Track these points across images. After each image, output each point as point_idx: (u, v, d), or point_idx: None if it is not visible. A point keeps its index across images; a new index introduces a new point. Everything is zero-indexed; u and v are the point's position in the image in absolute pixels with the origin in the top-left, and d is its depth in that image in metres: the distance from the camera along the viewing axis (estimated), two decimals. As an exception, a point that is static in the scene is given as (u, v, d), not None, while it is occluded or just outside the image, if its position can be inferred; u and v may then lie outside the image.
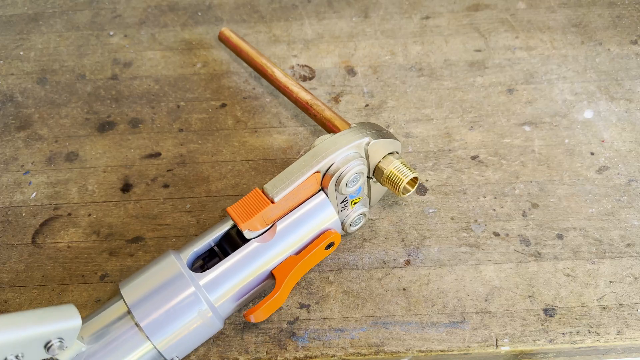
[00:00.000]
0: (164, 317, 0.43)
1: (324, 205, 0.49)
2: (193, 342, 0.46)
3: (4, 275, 0.54)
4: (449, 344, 0.49)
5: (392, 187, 0.51)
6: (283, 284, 0.46)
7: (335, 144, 0.48)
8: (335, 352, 0.49)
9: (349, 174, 0.48)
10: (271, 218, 0.47)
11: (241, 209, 0.46)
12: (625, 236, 0.54)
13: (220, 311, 0.46)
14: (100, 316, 0.44)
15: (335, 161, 0.48)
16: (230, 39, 0.66)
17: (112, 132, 0.65)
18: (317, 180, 0.48)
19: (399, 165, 0.50)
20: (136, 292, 0.44)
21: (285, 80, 0.60)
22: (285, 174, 0.47)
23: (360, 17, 0.75)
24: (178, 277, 0.44)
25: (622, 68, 0.68)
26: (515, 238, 0.55)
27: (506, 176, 0.59)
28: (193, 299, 0.44)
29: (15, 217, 0.58)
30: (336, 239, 0.50)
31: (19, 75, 0.71)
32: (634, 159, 0.60)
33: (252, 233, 0.46)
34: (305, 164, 0.47)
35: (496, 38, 0.72)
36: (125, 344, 0.43)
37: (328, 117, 0.55)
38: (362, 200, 0.53)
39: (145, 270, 0.46)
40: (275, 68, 0.61)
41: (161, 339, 0.43)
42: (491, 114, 0.64)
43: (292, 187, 0.46)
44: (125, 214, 0.58)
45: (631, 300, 0.51)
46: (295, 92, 0.59)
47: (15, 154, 0.63)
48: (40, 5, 0.79)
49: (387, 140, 0.50)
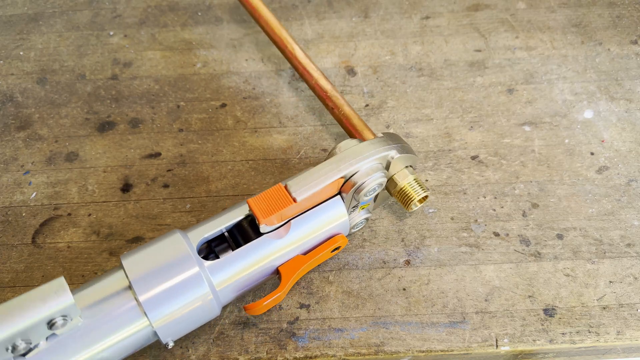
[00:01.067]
0: (164, 294, 0.43)
1: (339, 209, 0.49)
2: (189, 325, 0.45)
3: (4, 275, 0.54)
4: (449, 344, 0.49)
5: (401, 201, 0.51)
6: (289, 282, 0.47)
7: (363, 153, 0.48)
8: (335, 352, 0.49)
9: (371, 184, 0.47)
10: (288, 215, 0.47)
11: (262, 203, 0.46)
12: (625, 236, 0.54)
13: (220, 296, 0.46)
14: (98, 286, 0.43)
15: (360, 170, 0.47)
16: (249, 1, 0.58)
17: (112, 132, 0.65)
18: (338, 185, 0.48)
19: (413, 182, 0.50)
20: (139, 267, 0.43)
21: (307, 62, 0.54)
22: (309, 174, 0.47)
23: (360, 17, 0.75)
24: (184, 256, 0.44)
25: (622, 68, 0.68)
26: (515, 238, 0.55)
27: (506, 176, 0.59)
28: (196, 280, 0.44)
29: (15, 217, 0.58)
30: (343, 243, 0.50)
31: (19, 75, 0.71)
32: (634, 159, 0.60)
33: (267, 227, 0.46)
34: (332, 168, 0.47)
35: (496, 38, 0.72)
36: (120, 317, 0.42)
37: (347, 114, 0.52)
38: (369, 205, 0.53)
39: (149, 245, 0.45)
40: (296, 45, 0.55)
41: (159, 317, 0.43)
42: (491, 114, 0.64)
43: (316, 189, 0.46)
44: (125, 214, 0.58)
45: (631, 300, 0.51)
46: (315, 78, 0.54)
47: (15, 154, 0.63)
48: (40, 5, 0.79)
49: (409, 155, 0.50)
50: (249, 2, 0.57)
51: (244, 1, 0.59)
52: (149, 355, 0.49)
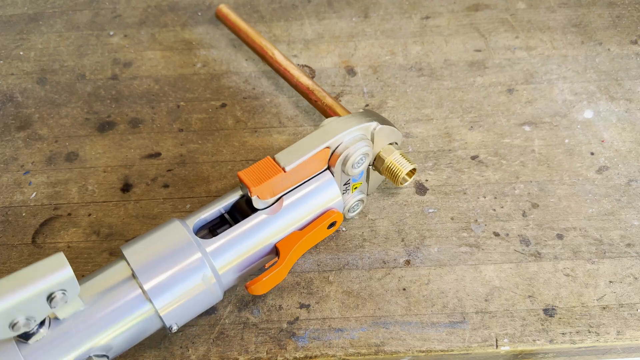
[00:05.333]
0: (168, 280, 0.43)
1: (330, 184, 0.50)
2: (193, 309, 0.46)
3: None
4: (449, 344, 0.49)
5: (390, 177, 0.53)
6: (287, 257, 0.47)
7: (346, 124, 0.49)
8: (335, 352, 0.49)
9: (356, 154, 0.49)
10: (279, 189, 0.48)
11: (253, 174, 0.47)
12: (625, 236, 0.54)
13: (223, 279, 0.47)
14: (100, 277, 0.44)
15: (343, 140, 0.49)
16: (228, 17, 0.64)
17: (112, 132, 0.65)
18: (325, 157, 0.49)
19: (398, 156, 0.52)
20: (141, 255, 0.44)
21: (286, 64, 0.58)
22: (296, 146, 0.48)
23: (360, 17, 0.75)
24: (185, 242, 0.45)
25: (622, 68, 0.68)
26: (515, 238, 0.55)
27: (506, 176, 0.59)
28: (199, 264, 0.44)
29: (15, 217, 0.58)
30: (338, 218, 0.51)
31: (19, 75, 0.71)
32: (634, 159, 0.60)
33: (260, 202, 0.47)
34: (317, 139, 0.49)
35: (496, 38, 0.72)
36: (125, 305, 0.43)
37: (329, 104, 0.55)
38: (361, 186, 0.54)
39: (149, 235, 0.45)
40: (275, 50, 0.60)
41: (164, 303, 0.43)
42: (491, 114, 0.64)
43: (303, 158, 0.47)
44: (125, 214, 0.58)
45: (631, 300, 0.51)
46: (296, 76, 0.57)
47: (15, 154, 0.63)
48: (40, 5, 0.79)
49: (391, 128, 0.52)
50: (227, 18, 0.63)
51: (222, 17, 0.64)
52: (149, 355, 0.49)
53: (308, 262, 0.54)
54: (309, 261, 0.54)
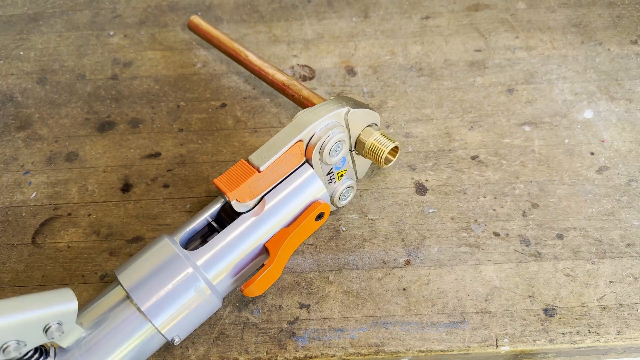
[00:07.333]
0: (163, 298, 0.44)
1: (311, 177, 0.50)
2: (193, 322, 0.46)
3: (4, 275, 0.54)
4: (449, 344, 0.49)
5: (374, 159, 0.53)
6: (277, 255, 0.47)
7: (316, 114, 0.49)
8: (335, 352, 0.49)
9: (331, 142, 0.49)
10: (258, 189, 0.48)
11: (228, 179, 0.47)
12: (625, 236, 0.54)
13: (218, 288, 0.47)
14: (99, 303, 0.44)
15: (316, 130, 0.49)
16: (199, 27, 0.66)
17: (112, 132, 0.65)
18: (300, 151, 0.49)
19: (379, 136, 0.52)
20: (134, 277, 0.44)
21: (260, 63, 0.60)
22: (268, 144, 0.48)
23: (360, 17, 0.75)
24: (174, 258, 0.45)
25: (622, 68, 0.68)
26: (515, 238, 0.55)
27: (506, 176, 0.59)
28: (191, 278, 0.44)
29: (15, 217, 0.58)
30: (325, 209, 0.51)
31: (19, 75, 0.71)
32: (634, 159, 0.60)
33: (241, 206, 0.47)
34: (288, 134, 0.48)
35: (496, 38, 0.72)
36: (126, 327, 0.43)
37: (306, 96, 0.56)
38: (348, 172, 0.54)
39: (140, 255, 0.46)
40: (248, 52, 0.61)
41: (162, 320, 0.44)
42: (491, 114, 0.64)
43: (276, 155, 0.47)
44: (125, 214, 0.58)
45: (631, 300, 0.51)
46: (271, 74, 0.59)
47: (15, 154, 0.63)
48: (40, 5, 0.79)
49: (365, 110, 0.51)
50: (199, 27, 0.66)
51: (194, 28, 0.67)
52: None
53: (308, 262, 0.54)
54: (309, 261, 0.54)
